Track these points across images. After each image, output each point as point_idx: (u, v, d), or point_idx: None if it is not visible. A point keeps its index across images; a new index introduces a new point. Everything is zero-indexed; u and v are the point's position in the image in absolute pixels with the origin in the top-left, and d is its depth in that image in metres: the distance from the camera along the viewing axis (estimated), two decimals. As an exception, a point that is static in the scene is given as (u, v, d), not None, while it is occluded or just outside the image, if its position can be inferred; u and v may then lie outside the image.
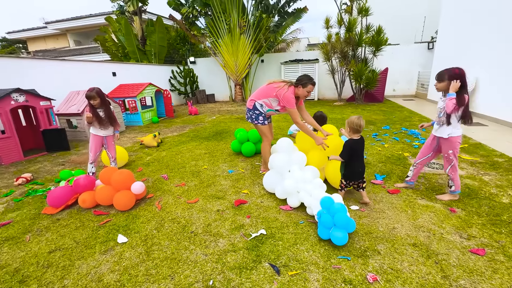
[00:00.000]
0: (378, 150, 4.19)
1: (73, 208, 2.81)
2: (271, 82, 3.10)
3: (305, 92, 2.95)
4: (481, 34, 6.24)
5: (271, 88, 3.03)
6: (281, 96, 2.95)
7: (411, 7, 14.23)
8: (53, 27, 19.77)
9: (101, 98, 3.19)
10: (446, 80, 2.41)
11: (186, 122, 7.60)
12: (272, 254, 1.96)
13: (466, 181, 2.97)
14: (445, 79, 2.41)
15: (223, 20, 10.06)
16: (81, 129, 5.96)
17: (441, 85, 2.47)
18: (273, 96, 3.02)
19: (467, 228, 2.16)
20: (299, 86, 2.95)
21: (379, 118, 6.65)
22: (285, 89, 2.94)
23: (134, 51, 11.80)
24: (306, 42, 25.00)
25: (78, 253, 2.07)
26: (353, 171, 2.54)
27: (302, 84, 2.92)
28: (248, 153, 4.13)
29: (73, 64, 7.29)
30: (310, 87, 2.93)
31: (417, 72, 10.73)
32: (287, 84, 2.99)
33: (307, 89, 2.93)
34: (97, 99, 3.14)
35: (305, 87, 2.92)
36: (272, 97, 3.03)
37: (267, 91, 3.06)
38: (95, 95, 3.12)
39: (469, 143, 4.29)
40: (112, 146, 3.49)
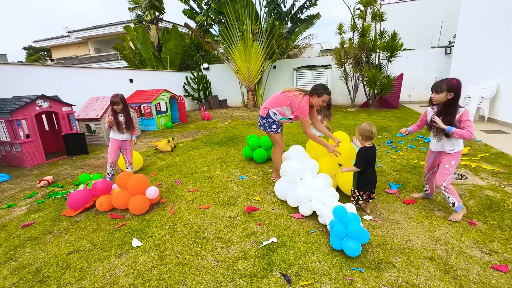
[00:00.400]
0: (393, 158, 4.10)
1: (91, 211, 2.92)
2: (286, 90, 3.07)
3: (319, 101, 2.91)
4: (502, 37, 6.01)
5: (285, 96, 3.00)
6: (295, 105, 2.92)
7: (428, 12, 13.93)
8: (75, 36, 20.79)
9: (123, 104, 3.42)
10: (444, 91, 2.23)
11: (199, 128, 7.74)
12: (283, 263, 1.95)
13: (487, 193, 2.85)
14: (444, 90, 2.23)
15: (237, 27, 10.24)
16: (99, 133, 6.19)
17: (439, 97, 2.28)
18: (287, 105, 3.00)
19: (489, 242, 2.06)
20: (314, 95, 2.92)
21: (394, 125, 6.50)
22: (299, 98, 2.91)
23: (150, 58, 12.20)
24: (318, 47, 24.94)
25: (95, 256, 2.14)
26: (366, 180, 2.48)
27: (318, 94, 2.89)
28: (259, 160, 4.15)
29: (93, 71, 7.63)
30: (325, 97, 2.90)
31: (433, 78, 10.44)
32: (302, 93, 2.95)
33: (322, 98, 2.90)
34: (120, 105, 3.38)
35: (320, 97, 2.89)
36: (286, 106, 3.01)
37: (281, 100, 3.04)
38: (119, 101, 3.36)
39: (490, 152, 4.11)
40: (129, 150, 3.64)
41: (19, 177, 4.19)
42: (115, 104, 3.36)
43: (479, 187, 2.98)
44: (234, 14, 10.08)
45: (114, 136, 3.50)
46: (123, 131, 3.48)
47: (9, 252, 2.26)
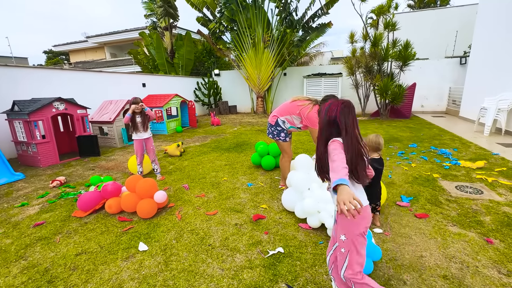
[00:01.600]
0: (405, 170, 3.99)
1: (100, 213, 2.96)
2: (296, 99, 3.06)
3: None
4: (521, 49, 5.85)
5: (295, 106, 3.00)
6: (304, 115, 2.92)
7: (442, 22, 13.74)
8: (92, 41, 21.58)
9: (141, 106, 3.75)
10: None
11: (208, 133, 7.80)
12: (290, 274, 1.91)
13: (505, 209, 2.72)
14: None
15: (248, 34, 10.38)
16: (111, 136, 6.33)
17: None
18: (297, 114, 2.99)
19: (507, 262, 1.96)
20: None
21: (406, 135, 6.36)
22: (309, 108, 2.90)
23: (163, 64, 12.48)
24: (329, 55, 24.92)
25: (102, 258, 2.16)
26: (372, 192, 2.43)
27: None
28: (268, 167, 4.13)
29: (108, 75, 7.86)
30: None
31: (448, 88, 10.23)
32: (312, 103, 2.94)
33: None
34: (140, 103, 3.73)
35: None
36: (296, 115, 3.01)
37: (290, 108, 3.04)
38: (139, 100, 3.74)
39: (508, 167, 3.95)
40: (150, 149, 3.92)
41: (33, 177, 4.31)
42: (135, 103, 3.67)
43: (496, 203, 2.86)
44: (246, 22, 10.23)
45: (135, 137, 3.80)
46: (140, 130, 3.76)
47: (20, 250, 2.31)
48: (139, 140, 3.81)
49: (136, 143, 3.83)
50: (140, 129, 3.76)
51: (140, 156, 3.87)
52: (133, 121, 3.71)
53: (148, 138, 3.86)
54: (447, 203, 2.92)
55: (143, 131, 3.78)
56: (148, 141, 3.86)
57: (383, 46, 8.67)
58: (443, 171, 3.88)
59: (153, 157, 3.99)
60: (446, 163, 4.16)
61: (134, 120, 3.72)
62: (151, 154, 3.96)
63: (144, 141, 3.84)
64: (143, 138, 3.82)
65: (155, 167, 4.05)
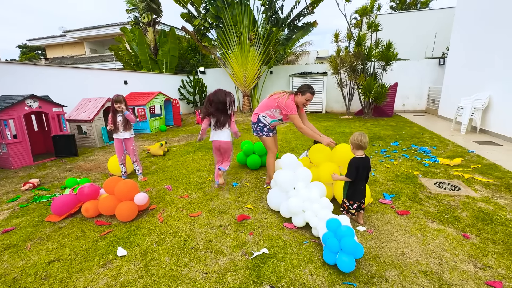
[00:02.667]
0: (387, 168, 4.09)
1: (76, 217, 2.81)
2: (272, 94, 3.23)
3: (303, 100, 3.05)
4: (493, 50, 6.14)
5: (272, 99, 3.16)
6: (282, 104, 3.05)
7: (422, 24, 14.21)
8: (71, 36, 20.61)
9: (124, 103, 3.60)
10: None
11: (193, 132, 7.65)
12: (274, 276, 1.88)
13: (480, 205, 2.84)
14: None
15: (234, 32, 10.27)
16: (90, 135, 6.06)
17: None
18: (275, 107, 3.13)
19: (482, 256, 2.03)
20: (298, 93, 3.07)
21: (388, 134, 6.53)
22: (285, 97, 3.07)
23: (146, 60, 12.12)
24: (315, 55, 25.21)
25: (77, 265, 2.04)
26: (355, 190, 2.47)
27: (301, 92, 3.05)
28: (253, 166, 4.09)
29: (87, 72, 7.51)
30: (309, 95, 3.03)
31: (427, 88, 10.61)
32: (287, 93, 3.12)
33: (306, 97, 3.03)
34: (122, 103, 3.55)
35: (304, 95, 3.04)
36: (274, 108, 3.15)
37: (268, 103, 3.18)
38: (121, 99, 3.55)
39: (483, 163, 4.13)
40: (130, 149, 3.75)
41: (3, 179, 4.04)
42: (117, 102, 3.49)
43: (472, 199, 2.97)
44: (232, 19, 10.11)
45: (115, 136, 3.68)
46: (120, 130, 3.61)
47: (-15, 260, 2.14)
48: (118, 139, 3.69)
49: (115, 142, 3.72)
50: (120, 129, 3.62)
51: (121, 157, 3.75)
52: (114, 120, 3.56)
53: (128, 139, 3.72)
54: (427, 199, 3.00)
55: (123, 131, 3.64)
56: (128, 141, 3.72)
57: (367, 46, 8.86)
58: (423, 168, 4.00)
59: (134, 158, 3.85)
60: (426, 161, 4.30)
61: (115, 119, 3.57)
62: (132, 155, 3.82)
63: (123, 141, 3.71)
64: (123, 138, 3.69)
65: (136, 167, 3.90)
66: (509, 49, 5.62)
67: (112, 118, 3.57)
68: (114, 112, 3.57)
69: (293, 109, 3.03)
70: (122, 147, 3.72)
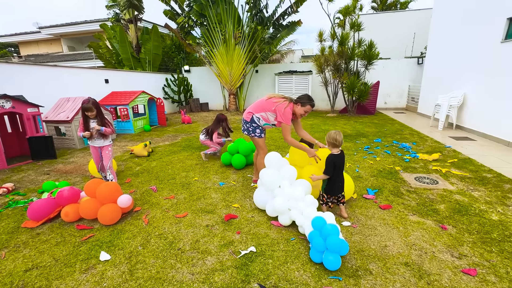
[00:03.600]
0: (370, 164, 4.21)
1: (55, 222, 2.69)
2: (271, 96, 3.10)
3: (302, 111, 2.97)
4: (468, 50, 6.46)
5: (271, 102, 3.03)
6: (280, 112, 2.95)
7: (402, 24, 14.71)
8: (46, 32, 19.61)
9: (97, 110, 3.21)
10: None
11: (179, 131, 7.52)
12: (262, 273, 1.89)
13: (457, 197, 2.99)
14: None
15: (219, 30, 10.17)
16: (70, 136, 5.81)
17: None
18: (272, 111, 3.03)
19: (458, 246, 2.15)
20: (298, 103, 2.98)
21: (371, 131, 6.72)
22: (285, 104, 2.96)
23: (128, 59, 11.77)
24: (300, 53, 25.47)
25: (57, 272, 1.96)
26: (333, 185, 2.56)
27: (302, 103, 2.95)
28: (238, 166, 4.08)
29: (64, 70, 7.18)
30: (308, 108, 2.96)
31: (407, 86, 11.00)
32: (287, 100, 3.01)
33: (305, 108, 2.95)
34: (93, 111, 3.17)
35: (304, 106, 2.95)
36: (270, 112, 3.04)
37: (266, 105, 3.06)
38: (91, 106, 3.13)
39: (458, 158, 4.35)
40: (105, 156, 3.41)
41: (-26, 184, 3.79)
42: (87, 111, 3.14)
43: (449, 192, 3.13)
44: (216, 17, 10.01)
45: (91, 143, 3.39)
46: (95, 137, 3.29)
47: (-45, 271, 2.00)
48: (94, 147, 3.40)
49: (92, 150, 3.43)
50: (94, 137, 3.29)
51: (97, 164, 3.51)
52: (86, 127, 3.21)
53: (106, 146, 3.40)
54: (407, 193, 3.12)
55: (99, 138, 3.33)
56: (103, 148, 3.40)
57: (350, 45, 9.05)
58: (404, 164, 4.16)
59: (108, 164, 3.41)
60: (407, 156, 4.47)
61: (88, 126, 3.21)
62: (106, 160, 3.41)
63: (100, 149, 3.42)
64: (99, 146, 3.38)
65: (109, 176, 3.42)
66: (481, 50, 5.93)
67: (84, 125, 3.21)
68: (85, 118, 3.21)
69: (288, 119, 2.94)
70: (99, 155, 3.44)
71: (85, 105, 3.10)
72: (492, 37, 5.54)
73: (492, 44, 5.55)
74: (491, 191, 3.12)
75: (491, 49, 5.58)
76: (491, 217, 2.55)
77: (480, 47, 5.97)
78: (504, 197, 2.95)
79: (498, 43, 5.36)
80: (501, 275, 1.82)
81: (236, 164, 4.06)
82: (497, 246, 2.13)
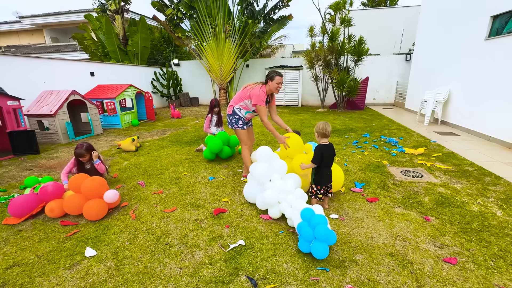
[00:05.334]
0: (358, 158, 4.28)
1: (38, 218, 2.61)
2: (246, 86, 3.23)
3: (274, 84, 3.05)
4: (454, 47, 6.61)
5: (245, 90, 3.17)
6: (255, 95, 3.05)
7: (391, 20, 14.89)
8: (28, 22, 18.73)
9: (90, 154, 3.12)
10: None
11: (168, 126, 7.41)
12: (250, 266, 1.91)
13: (440, 190, 3.08)
14: None
15: (209, 23, 9.99)
16: (54, 131, 5.62)
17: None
18: (248, 97, 3.14)
19: (441, 236, 2.22)
20: (268, 81, 3.08)
21: (360, 126, 6.82)
22: (258, 87, 3.07)
23: (115, 51, 11.43)
24: (291, 48, 25.41)
25: (40, 269, 1.90)
26: (322, 176, 2.60)
27: (270, 78, 3.05)
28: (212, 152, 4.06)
29: (47, 62, 6.90)
30: (278, 78, 3.02)
31: (395, 82, 11.20)
32: (259, 83, 3.13)
33: (276, 81, 3.03)
34: (86, 156, 3.08)
35: (273, 80, 3.03)
36: (247, 99, 3.15)
37: (242, 94, 3.18)
38: (84, 152, 3.04)
39: (442, 152, 4.48)
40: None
41: (-50, 181, 3.63)
42: (80, 156, 3.05)
43: (433, 185, 3.22)
44: (206, 9, 9.82)
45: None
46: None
47: None
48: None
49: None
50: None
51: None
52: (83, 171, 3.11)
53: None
54: (393, 187, 3.20)
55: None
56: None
57: (340, 41, 9.09)
58: (391, 158, 4.25)
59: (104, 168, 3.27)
60: (394, 151, 4.56)
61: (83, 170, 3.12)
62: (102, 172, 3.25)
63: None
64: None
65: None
66: (466, 47, 6.08)
67: (78, 170, 3.10)
68: (80, 164, 3.11)
69: (261, 100, 3.02)
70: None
71: (78, 151, 3.01)
72: (476, 34, 5.69)
73: (476, 41, 5.70)
74: (472, 183, 3.24)
75: (476, 47, 5.73)
76: (472, 209, 2.65)
77: (465, 45, 6.12)
78: (484, 189, 3.07)
79: (482, 41, 5.51)
80: (479, 263, 1.90)
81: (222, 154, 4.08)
82: (477, 235, 2.22)
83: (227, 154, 4.17)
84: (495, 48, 5.17)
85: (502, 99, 4.91)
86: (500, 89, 4.99)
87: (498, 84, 5.05)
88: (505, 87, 4.87)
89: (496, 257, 1.96)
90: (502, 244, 2.10)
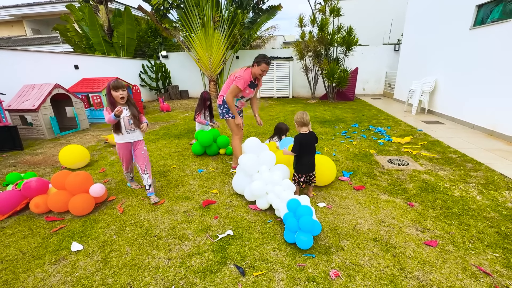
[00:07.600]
0: (347, 148, 4.33)
1: (22, 214, 2.56)
2: (232, 73, 3.22)
3: (259, 70, 3.04)
4: (440, 38, 6.69)
5: (232, 77, 3.15)
6: (237, 77, 3.03)
7: (380, 10, 14.89)
8: (6, 13, 17.85)
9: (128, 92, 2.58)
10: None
11: (157, 119, 7.30)
12: (238, 255, 1.93)
13: (424, 176, 3.17)
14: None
15: (197, 14, 9.76)
16: (37, 126, 5.45)
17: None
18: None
19: (423, 221, 2.30)
20: (254, 64, 3.07)
21: (349, 116, 6.89)
22: (242, 70, 3.09)
23: (100, 43, 11.06)
24: (281, 39, 25.20)
25: (24, 265, 1.88)
26: (302, 164, 2.62)
27: (257, 62, 3.03)
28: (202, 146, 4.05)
29: (28, 55, 6.62)
30: (264, 66, 3.01)
31: (384, 73, 11.29)
32: (244, 67, 3.13)
33: (261, 67, 3.02)
34: (125, 90, 2.49)
35: (259, 65, 3.03)
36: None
37: (229, 82, 3.18)
38: (122, 84, 2.47)
39: (428, 140, 4.59)
40: (141, 157, 2.71)
41: None
42: (117, 89, 2.42)
43: (418, 172, 3.31)
44: (194, -1, 9.57)
45: (120, 140, 2.66)
46: (131, 127, 2.60)
47: None
48: (125, 144, 2.68)
49: (121, 148, 2.69)
50: (126, 127, 2.59)
51: (127, 164, 2.85)
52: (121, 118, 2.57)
53: (139, 141, 2.73)
54: (380, 175, 3.27)
55: (131, 130, 2.63)
56: (137, 143, 2.72)
57: (330, 31, 9.05)
58: (379, 147, 4.32)
59: (145, 167, 2.72)
60: (381, 140, 4.64)
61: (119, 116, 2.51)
62: (142, 161, 2.70)
63: (132, 145, 2.73)
64: (131, 141, 2.69)
65: (147, 182, 2.72)
66: (451, 37, 6.16)
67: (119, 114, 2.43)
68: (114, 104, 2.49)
69: (241, 81, 2.98)
70: (130, 153, 2.78)
71: (115, 83, 2.43)
72: (462, 24, 5.75)
73: (462, 31, 5.77)
74: (455, 170, 3.34)
75: (461, 36, 5.81)
76: (454, 194, 2.74)
77: (451, 34, 6.20)
78: (466, 175, 3.18)
79: (467, 30, 5.58)
80: (458, 244, 1.98)
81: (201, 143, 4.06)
82: (457, 219, 2.30)
83: (215, 151, 4.11)
84: (480, 37, 5.26)
85: (485, 88, 5.03)
86: (483, 77, 5.10)
87: (482, 74, 5.16)
88: (488, 76, 4.98)
89: (474, 238, 2.04)
90: (480, 226, 2.19)
